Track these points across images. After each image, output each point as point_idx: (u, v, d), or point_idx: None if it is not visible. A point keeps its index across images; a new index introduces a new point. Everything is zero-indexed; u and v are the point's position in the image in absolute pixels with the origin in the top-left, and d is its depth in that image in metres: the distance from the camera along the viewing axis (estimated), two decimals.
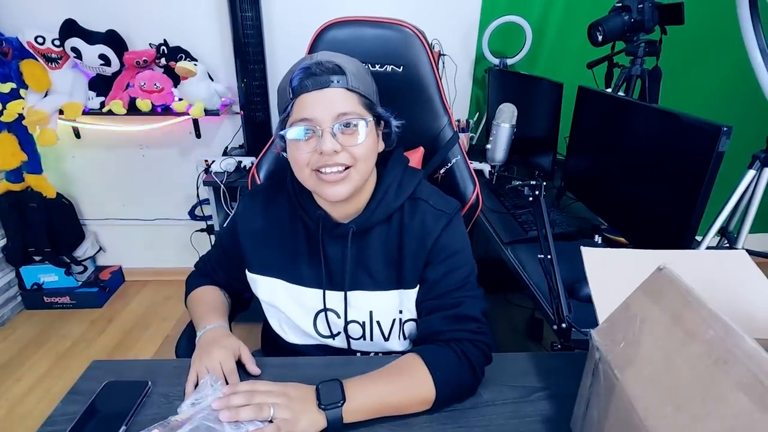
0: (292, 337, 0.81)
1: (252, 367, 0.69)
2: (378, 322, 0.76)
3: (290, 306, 0.78)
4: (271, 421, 0.56)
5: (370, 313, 0.76)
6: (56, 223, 2.02)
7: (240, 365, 0.70)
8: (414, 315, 0.76)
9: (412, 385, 0.63)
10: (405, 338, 0.78)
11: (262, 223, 0.78)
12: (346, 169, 0.66)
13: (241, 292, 0.90)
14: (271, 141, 0.98)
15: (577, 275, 1.02)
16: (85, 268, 2.15)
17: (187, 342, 0.85)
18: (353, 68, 0.67)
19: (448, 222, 0.73)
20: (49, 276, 2.08)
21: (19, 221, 1.94)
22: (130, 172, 2.11)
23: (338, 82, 0.65)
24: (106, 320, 2.05)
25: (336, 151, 0.64)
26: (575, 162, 1.37)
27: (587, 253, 0.62)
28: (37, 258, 2.04)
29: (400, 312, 0.76)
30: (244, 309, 0.96)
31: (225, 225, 0.89)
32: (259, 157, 0.98)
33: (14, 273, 2.06)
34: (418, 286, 0.74)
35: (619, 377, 0.47)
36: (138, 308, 2.14)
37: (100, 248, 2.26)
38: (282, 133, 0.68)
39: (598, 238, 1.20)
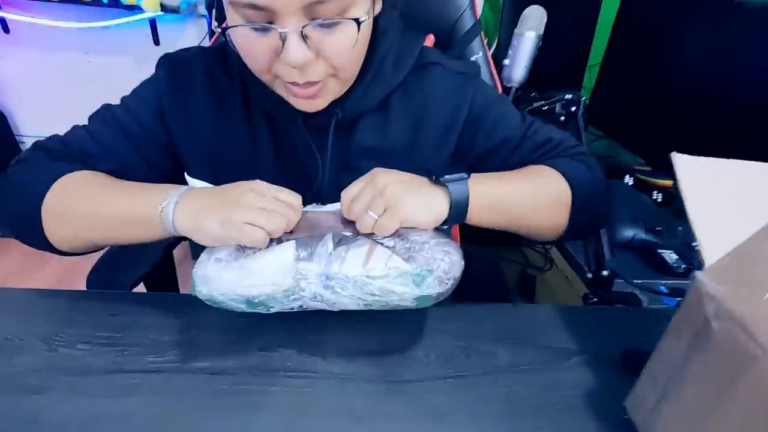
0: None
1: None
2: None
3: None
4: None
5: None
6: None
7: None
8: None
9: (542, 180, 0.52)
10: None
11: (205, 108, 0.55)
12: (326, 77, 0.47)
13: None
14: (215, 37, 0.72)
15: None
16: None
17: (105, 269, 0.64)
18: None
19: (477, 85, 0.56)
20: None
21: None
22: (75, 81, 1.79)
23: None
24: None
25: (308, 62, 0.43)
26: (609, 89, 1.14)
27: (681, 162, 0.42)
28: None
29: None
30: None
31: (130, 97, 0.57)
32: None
33: None
34: None
35: (766, 347, 0.28)
36: None
37: None
38: (221, 27, 0.45)
39: (629, 179, 1.01)
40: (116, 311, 0.51)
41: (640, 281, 0.65)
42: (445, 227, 0.48)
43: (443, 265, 0.42)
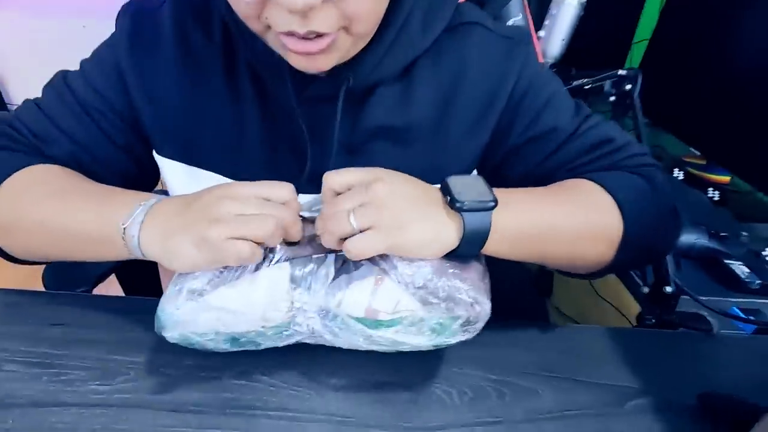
0: None
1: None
2: None
3: None
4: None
5: None
6: None
7: None
8: None
9: (586, 206, 0.39)
10: None
11: (174, 68, 0.43)
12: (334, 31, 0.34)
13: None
14: None
15: None
16: None
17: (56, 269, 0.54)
18: None
19: (527, 54, 0.44)
20: None
21: None
22: (67, 47, 1.66)
23: None
24: None
25: (311, 7, 0.31)
26: (658, 69, 1.01)
27: None
28: None
29: None
30: None
31: (89, 62, 0.46)
32: None
33: None
34: None
35: None
36: None
37: None
38: None
39: (678, 173, 0.88)
40: (62, 319, 0.41)
41: (706, 299, 0.53)
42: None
43: (470, 312, 0.33)
